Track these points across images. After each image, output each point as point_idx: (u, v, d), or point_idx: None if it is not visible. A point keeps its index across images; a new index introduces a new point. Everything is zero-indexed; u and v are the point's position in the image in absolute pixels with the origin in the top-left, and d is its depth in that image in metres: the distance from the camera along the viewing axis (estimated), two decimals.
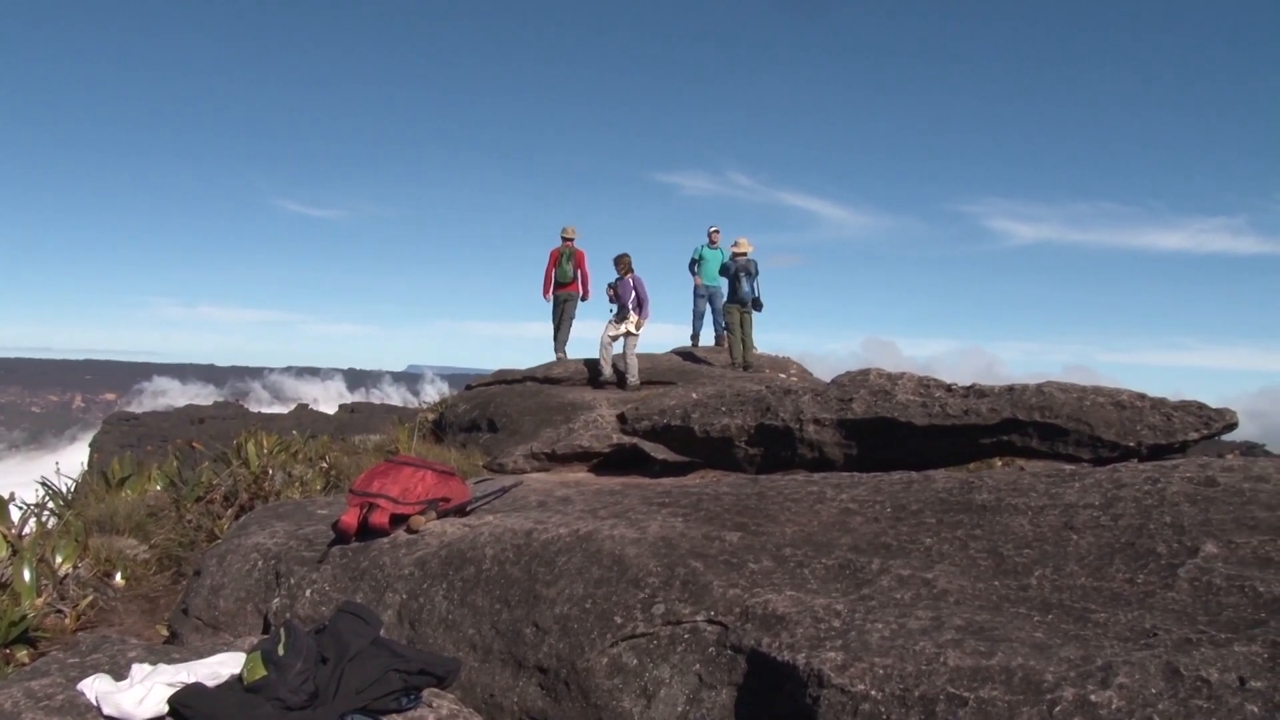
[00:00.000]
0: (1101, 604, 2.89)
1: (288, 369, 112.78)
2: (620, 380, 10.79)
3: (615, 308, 11.23)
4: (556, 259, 12.98)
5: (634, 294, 11.21)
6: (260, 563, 4.44)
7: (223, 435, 13.24)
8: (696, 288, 14.24)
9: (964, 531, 3.74)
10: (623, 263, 11.49)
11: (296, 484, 7.01)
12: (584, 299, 12.83)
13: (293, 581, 4.23)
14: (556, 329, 13.15)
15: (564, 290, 12.97)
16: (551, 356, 13.16)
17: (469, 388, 12.93)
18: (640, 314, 11.21)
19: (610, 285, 11.31)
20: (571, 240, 13.05)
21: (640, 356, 12.87)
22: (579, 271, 12.91)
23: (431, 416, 12.19)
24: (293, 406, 57.00)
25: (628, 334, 11.05)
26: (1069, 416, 5.94)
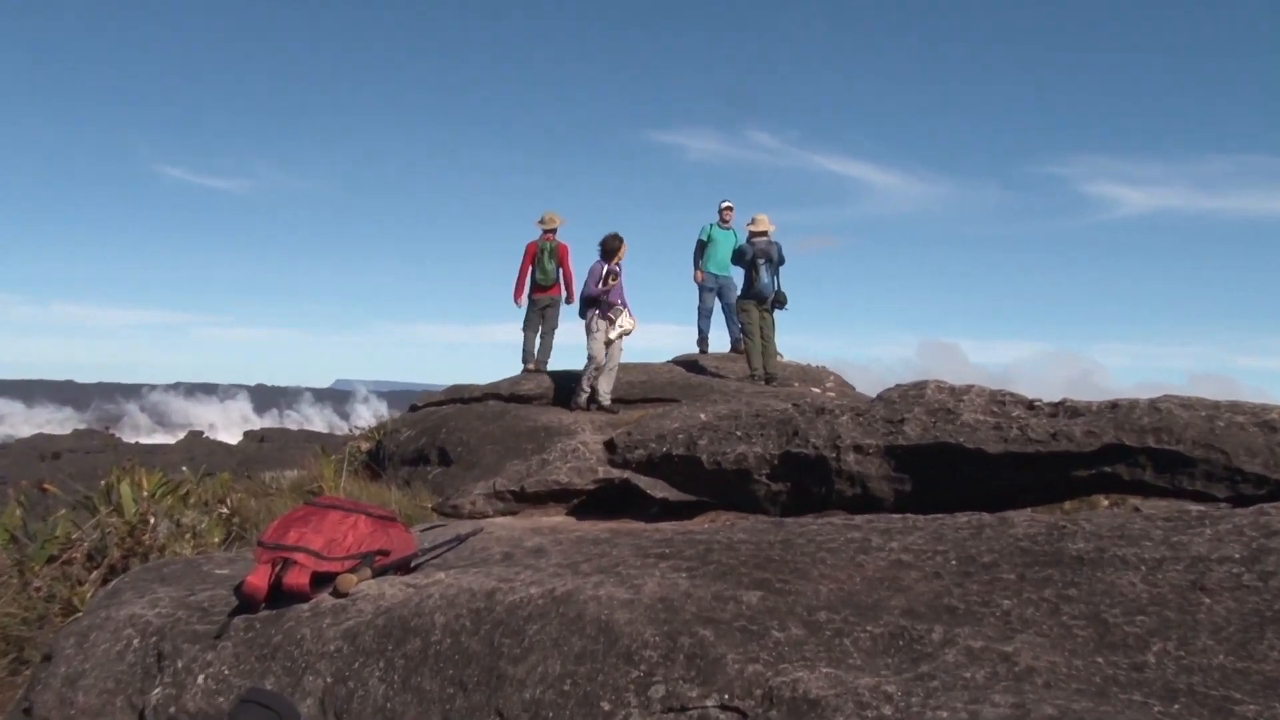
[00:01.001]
0: (1248, 692, 2.84)
1: (175, 386, 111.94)
2: (591, 398, 11.04)
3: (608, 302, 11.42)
4: (534, 255, 13.07)
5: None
6: (136, 641, 4.37)
7: (86, 474, 13.10)
8: (704, 279, 14.30)
9: (1054, 591, 3.70)
10: (623, 246, 11.69)
11: (187, 536, 6.95)
12: (568, 302, 12.92)
13: (180, 665, 4.16)
14: (530, 340, 13.23)
15: (545, 294, 13.06)
16: (519, 367, 13.22)
17: (414, 408, 13.01)
18: (622, 311, 11.44)
19: (613, 274, 11.50)
20: (554, 232, 13.13)
21: (633, 367, 12.88)
22: (561, 270, 12.98)
23: (366, 446, 12.18)
24: (182, 434, 56.58)
25: (618, 339, 11.29)
26: (1196, 442, 5.88)
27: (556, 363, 13.18)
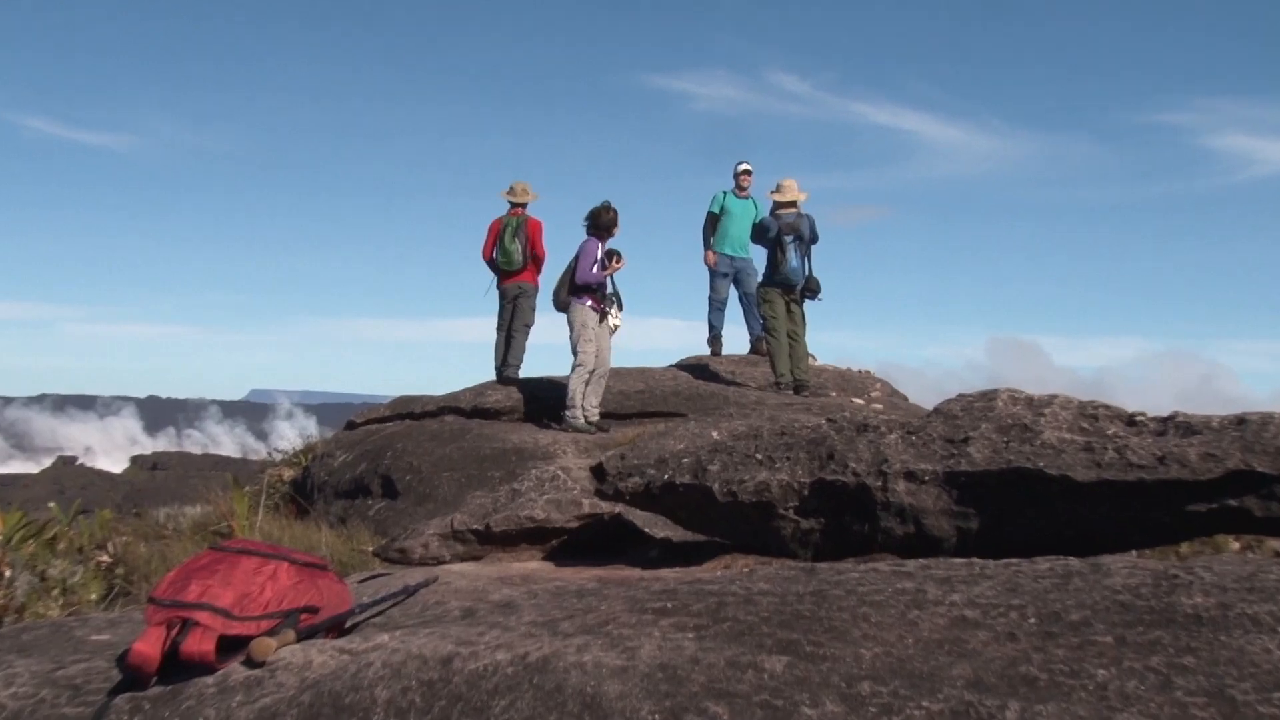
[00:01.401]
0: None
1: (39, 399, 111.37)
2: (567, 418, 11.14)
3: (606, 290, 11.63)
4: (497, 234, 13.11)
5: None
6: None
7: None
8: (716, 263, 14.34)
9: (1164, 659, 3.70)
10: (603, 218, 11.86)
11: (55, 592, 6.93)
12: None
13: None
14: (499, 340, 13.32)
15: (511, 281, 13.11)
16: (489, 374, 13.28)
17: (352, 426, 13.08)
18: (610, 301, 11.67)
19: (616, 255, 11.69)
20: (523, 206, 13.20)
21: (628, 373, 12.92)
22: (532, 253, 13.03)
23: (289, 474, 12.18)
24: (49, 461, 56.27)
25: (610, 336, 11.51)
26: None
27: (531, 366, 13.27)
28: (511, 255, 13.11)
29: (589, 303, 11.40)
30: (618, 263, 11.49)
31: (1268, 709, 3.33)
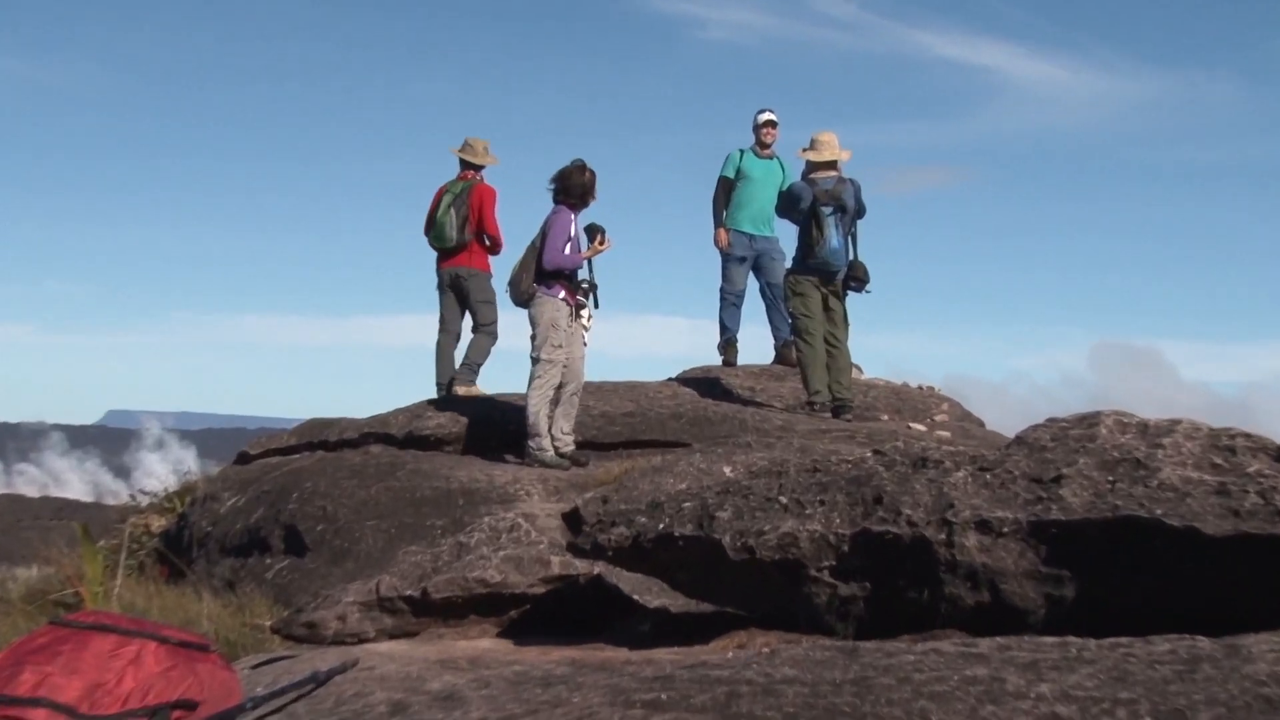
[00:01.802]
0: None
1: None
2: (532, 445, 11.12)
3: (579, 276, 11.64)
4: (438, 201, 13.15)
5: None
6: None
7: None
8: (730, 243, 14.29)
9: None
10: (578, 181, 11.70)
11: None
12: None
13: None
14: (443, 345, 13.36)
15: (448, 265, 13.27)
16: (428, 389, 13.28)
17: (245, 458, 13.17)
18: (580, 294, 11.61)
19: (599, 232, 11.69)
20: (477, 169, 13.54)
21: (613, 389, 12.89)
22: (479, 229, 13.03)
23: (159, 523, 12.18)
24: None
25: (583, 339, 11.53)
26: None
27: (486, 379, 13.24)
28: (443, 229, 13.22)
29: (561, 294, 11.33)
30: (602, 242, 11.40)
31: None
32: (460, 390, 13.56)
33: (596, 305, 11.41)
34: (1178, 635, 5.07)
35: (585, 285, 11.49)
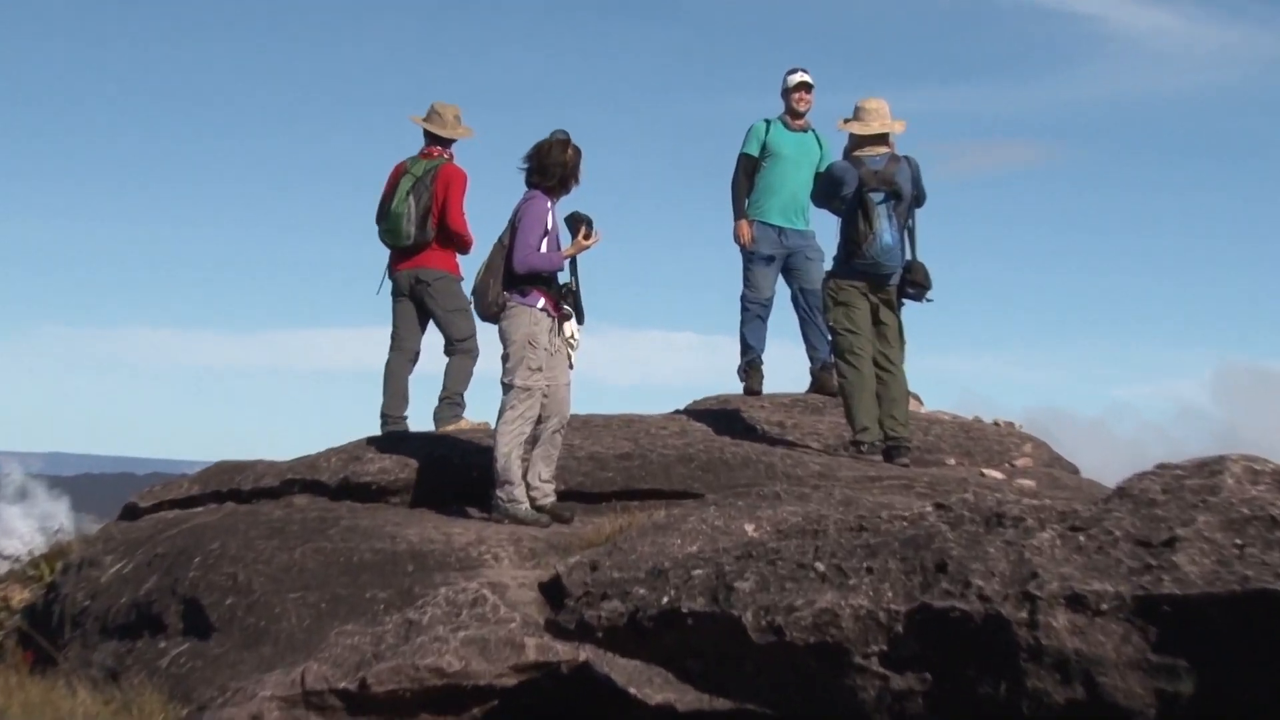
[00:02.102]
0: None
1: None
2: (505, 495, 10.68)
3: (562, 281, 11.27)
4: (394, 183, 13.22)
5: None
6: None
7: None
8: (754, 238, 14.07)
9: None
10: (579, 159, 11.25)
11: None
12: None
13: None
14: (393, 367, 13.54)
15: (406, 267, 13.23)
16: (370, 424, 13.09)
17: (133, 512, 13.01)
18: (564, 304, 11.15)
19: (584, 221, 11.22)
20: (445, 145, 13.28)
21: (604, 425, 12.83)
22: (442, 219, 12.81)
23: (21, 596, 12.31)
24: None
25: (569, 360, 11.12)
26: None
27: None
28: (397, 223, 12.96)
29: (540, 303, 10.99)
30: (587, 236, 11.03)
31: None
32: (446, 431, 13.32)
33: (580, 319, 11.10)
34: None
35: (569, 291, 11.14)
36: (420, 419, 13.32)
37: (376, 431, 13.10)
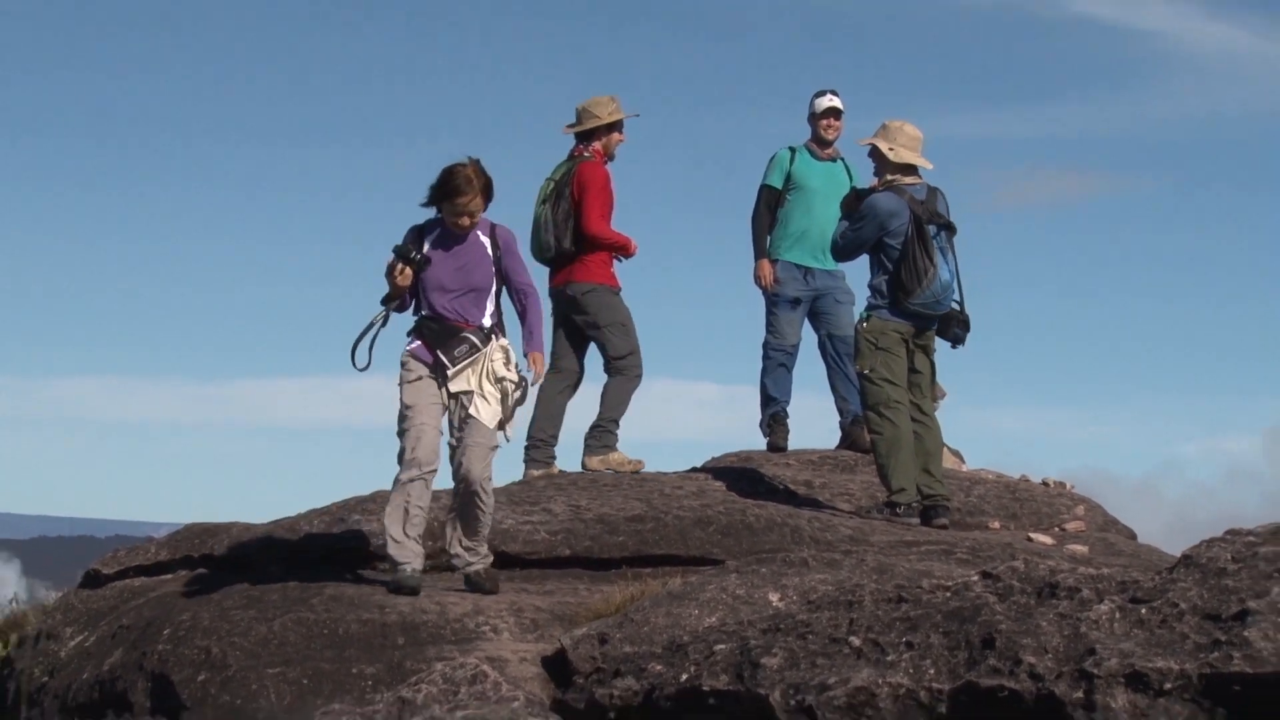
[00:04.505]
0: None
1: None
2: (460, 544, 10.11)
3: (425, 317, 10.46)
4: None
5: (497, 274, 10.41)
6: None
7: None
8: (777, 279, 13.69)
9: None
10: (470, 186, 10.32)
11: None
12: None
13: None
14: (552, 380, 13.00)
15: (558, 282, 12.92)
16: (374, 479, 12.64)
17: (95, 579, 12.80)
18: (530, 338, 10.46)
19: (407, 250, 10.30)
20: (589, 140, 12.90)
21: (614, 484, 12.45)
22: (578, 225, 12.69)
23: None
24: None
25: (469, 411, 10.22)
26: None
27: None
28: (537, 234, 12.66)
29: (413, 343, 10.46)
30: (407, 255, 10.17)
31: None
32: (594, 463, 12.95)
33: (505, 360, 10.35)
34: None
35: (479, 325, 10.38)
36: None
37: (363, 491, 12.56)
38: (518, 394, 10.13)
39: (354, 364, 10.33)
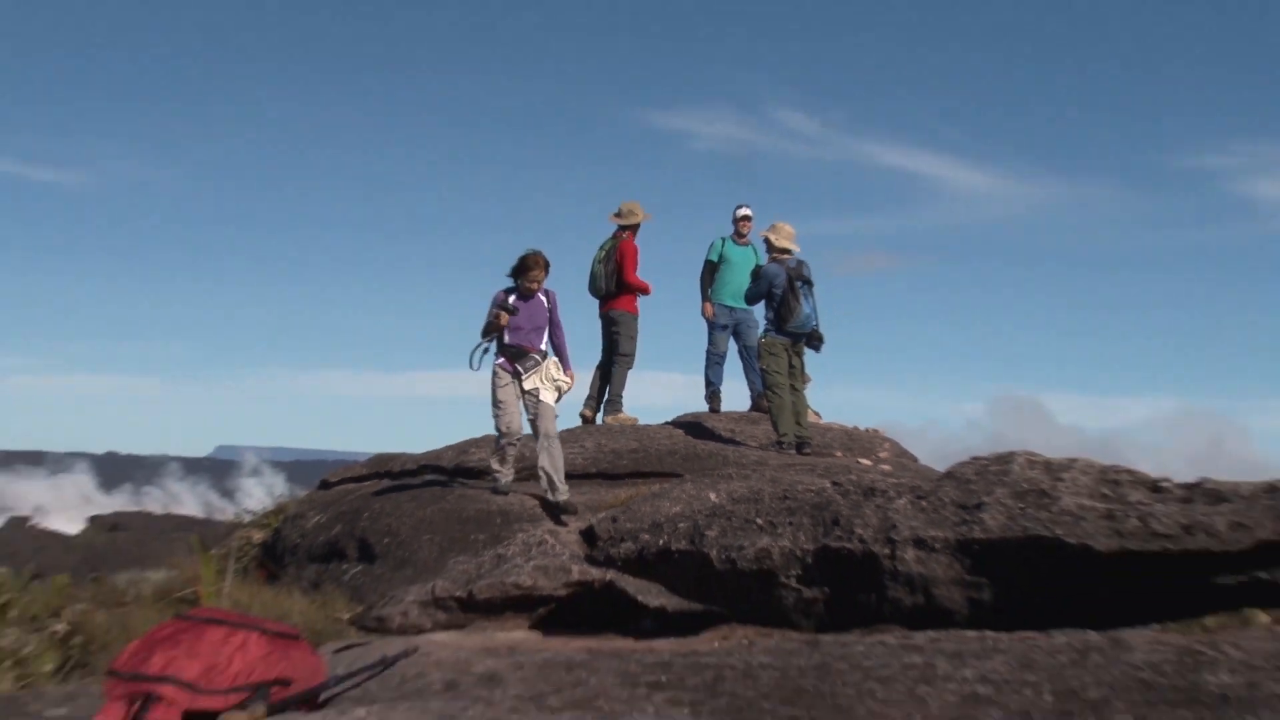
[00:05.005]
0: None
1: None
2: (550, 486, 10.33)
3: (506, 344, 10.71)
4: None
5: (549, 321, 10.78)
6: None
7: None
8: (714, 314, 14.23)
9: None
10: (537, 266, 10.83)
11: (7, 664, 6.91)
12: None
13: None
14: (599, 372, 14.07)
15: (603, 309, 13.87)
16: (471, 431, 13.24)
17: (326, 485, 13.10)
18: (565, 362, 10.78)
19: (504, 303, 10.69)
20: (630, 228, 13.81)
21: (619, 431, 12.84)
22: (619, 279, 13.67)
23: (259, 536, 12.20)
24: (0, 521, 55.38)
25: (539, 398, 10.55)
26: None
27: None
28: (595, 278, 13.58)
29: (498, 359, 10.78)
30: (500, 310, 10.60)
31: None
32: (610, 420, 13.73)
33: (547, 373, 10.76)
34: (1073, 630, 5.12)
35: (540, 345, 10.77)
36: None
37: (475, 435, 13.11)
38: (563, 388, 10.56)
39: (470, 367, 10.58)
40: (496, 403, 10.52)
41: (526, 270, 10.64)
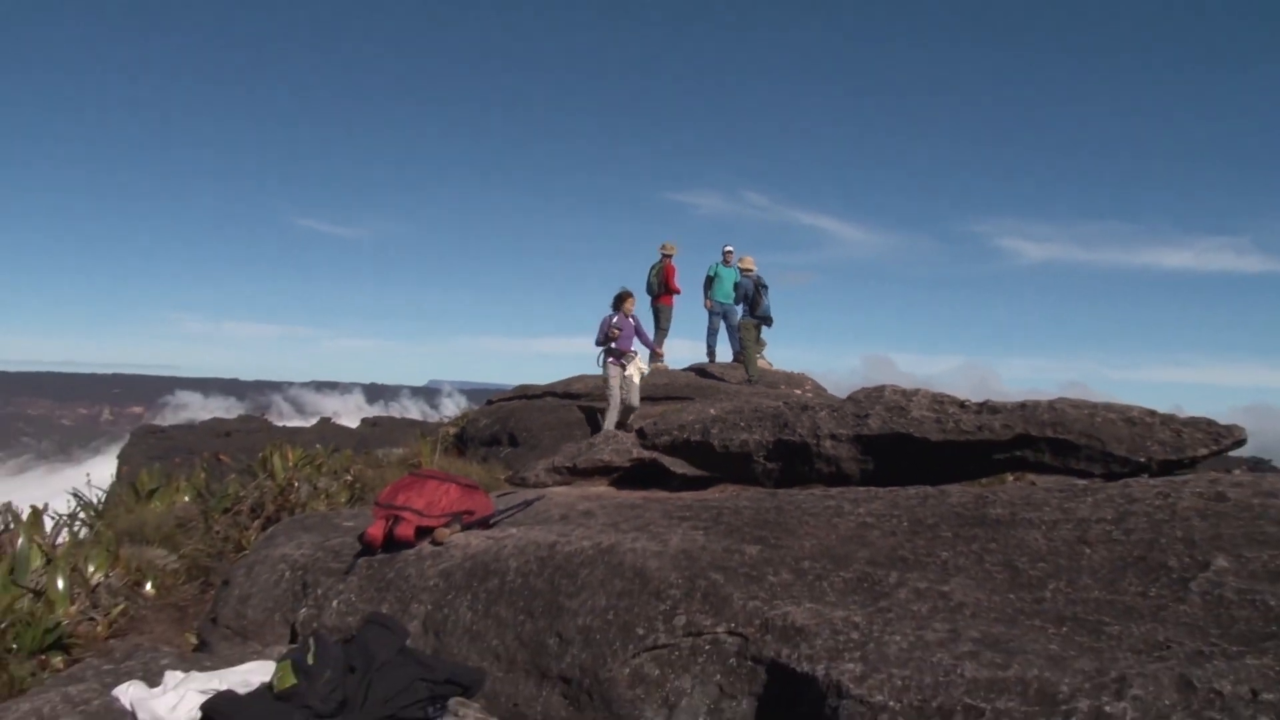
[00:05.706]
0: (1115, 617, 2.89)
1: (309, 383, 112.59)
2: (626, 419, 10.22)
3: (614, 348, 10.44)
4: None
5: (636, 331, 10.69)
6: (287, 573, 4.50)
7: (248, 448, 13.46)
8: (712, 307, 14.18)
9: (979, 545, 3.73)
10: (629, 299, 10.87)
11: (322, 496, 7.07)
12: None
13: (319, 592, 4.28)
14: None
15: (657, 304, 13.58)
16: (578, 370, 13.24)
17: (490, 403, 13.04)
18: (651, 343, 10.90)
19: (613, 324, 10.44)
20: (668, 256, 13.63)
21: (656, 372, 12.88)
22: (664, 285, 13.53)
23: (453, 431, 12.27)
24: (315, 420, 56.46)
25: (634, 381, 10.41)
26: (1081, 432, 5.85)
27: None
28: (650, 285, 13.43)
29: (609, 358, 10.51)
30: (611, 329, 10.43)
31: (1034, 572, 3.39)
32: (658, 367, 13.48)
33: (638, 360, 10.65)
34: (919, 486, 5.13)
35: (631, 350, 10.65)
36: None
37: (576, 374, 13.17)
38: (645, 371, 10.40)
39: (597, 364, 10.42)
40: (609, 383, 10.29)
41: (623, 302, 10.58)
